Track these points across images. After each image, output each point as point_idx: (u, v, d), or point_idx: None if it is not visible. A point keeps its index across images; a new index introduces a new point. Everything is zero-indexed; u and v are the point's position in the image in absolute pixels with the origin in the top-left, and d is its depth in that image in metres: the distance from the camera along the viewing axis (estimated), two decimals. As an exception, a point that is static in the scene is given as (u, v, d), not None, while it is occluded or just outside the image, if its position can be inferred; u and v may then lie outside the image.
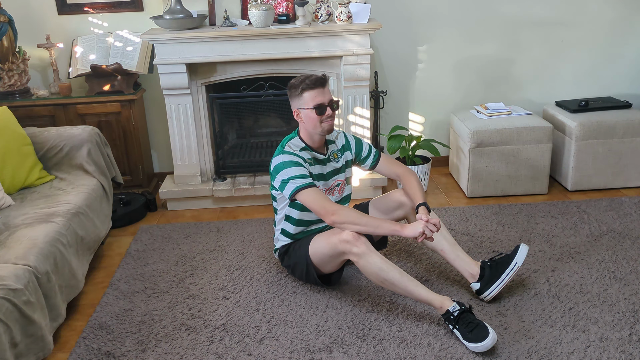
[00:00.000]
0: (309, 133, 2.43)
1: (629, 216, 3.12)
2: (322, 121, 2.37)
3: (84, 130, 2.99)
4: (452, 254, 2.44)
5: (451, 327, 2.17)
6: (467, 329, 2.11)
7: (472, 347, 2.09)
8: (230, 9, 3.42)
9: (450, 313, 2.15)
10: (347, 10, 3.28)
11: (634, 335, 2.16)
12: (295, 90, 2.37)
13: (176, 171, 3.53)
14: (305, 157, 2.41)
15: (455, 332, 2.17)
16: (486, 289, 2.37)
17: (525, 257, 2.38)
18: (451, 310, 2.16)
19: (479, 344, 2.06)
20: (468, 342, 2.10)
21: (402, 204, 2.54)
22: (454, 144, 3.72)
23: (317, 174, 2.45)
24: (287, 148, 2.41)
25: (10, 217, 2.49)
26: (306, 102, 2.35)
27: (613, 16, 3.75)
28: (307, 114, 2.36)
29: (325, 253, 2.37)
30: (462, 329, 2.12)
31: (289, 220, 2.51)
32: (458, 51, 3.79)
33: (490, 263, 2.41)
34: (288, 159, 2.36)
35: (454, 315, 2.15)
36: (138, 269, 2.79)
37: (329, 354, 2.13)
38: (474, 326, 2.10)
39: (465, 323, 2.12)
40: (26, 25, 3.55)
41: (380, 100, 3.79)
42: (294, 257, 2.52)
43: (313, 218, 2.50)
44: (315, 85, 2.34)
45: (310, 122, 2.37)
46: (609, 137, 3.40)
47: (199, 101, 3.43)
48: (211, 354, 2.16)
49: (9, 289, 1.93)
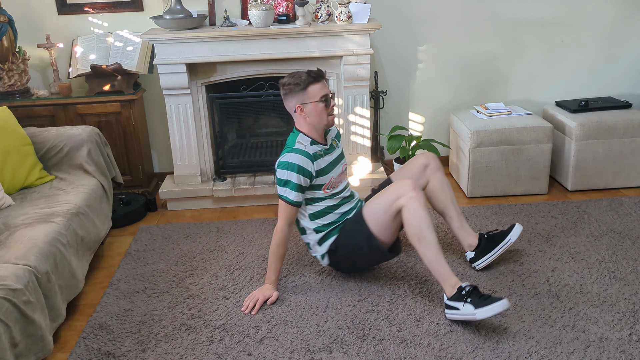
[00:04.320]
0: (313, 127, 2.46)
1: (629, 216, 3.12)
2: (329, 113, 2.44)
3: (84, 130, 2.99)
4: (457, 222, 2.63)
5: (462, 303, 2.19)
6: (479, 299, 2.16)
7: (485, 311, 2.12)
8: (230, 9, 3.42)
9: (463, 288, 2.21)
10: (347, 10, 3.28)
11: (634, 335, 2.16)
12: (298, 86, 2.39)
13: (176, 171, 3.53)
14: (316, 150, 2.45)
15: (464, 308, 2.18)
16: (479, 258, 2.59)
17: (519, 235, 2.59)
18: (463, 286, 2.22)
19: (491, 305, 2.11)
20: (480, 309, 2.13)
21: (426, 165, 2.64)
22: (454, 144, 3.72)
23: (329, 164, 2.49)
24: (298, 145, 2.42)
25: (10, 217, 2.49)
26: (312, 96, 2.39)
27: (613, 16, 3.75)
28: (313, 108, 2.40)
29: (383, 209, 2.36)
30: (474, 300, 2.17)
31: (316, 216, 2.50)
32: (458, 51, 3.79)
33: (487, 236, 2.62)
34: (296, 161, 2.37)
35: (467, 290, 2.20)
36: (138, 269, 2.79)
37: (329, 354, 2.13)
38: (486, 297, 2.18)
39: (478, 295, 2.19)
40: (26, 25, 3.55)
41: (380, 100, 3.79)
42: (349, 245, 2.47)
43: (334, 191, 2.51)
44: (319, 79, 2.41)
45: (317, 115, 2.42)
46: (609, 137, 3.40)
47: (199, 101, 3.43)
48: (211, 354, 2.16)
49: (9, 289, 1.93)
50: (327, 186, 2.48)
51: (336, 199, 2.53)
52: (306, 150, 2.41)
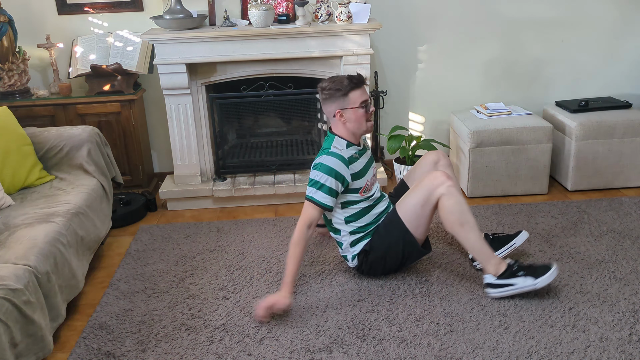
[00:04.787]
0: (351, 132, 2.47)
1: (629, 216, 3.12)
2: (368, 119, 2.45)
3: (84, 130, 2.99)
4: None
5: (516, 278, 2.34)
6: (532, 270, 2.35)
7: (544, 279, 2.31)
8: (230, 9, 3.42)
9: (512, 266, 2.36)
10: (347, 10, 3.28)
11: (634, 335, 2.16)
12: (339, 92, 2.40)
13: (176, 171, 3.53)
14: (352, 154, 2.46)
15: (522, 281, 2.33)
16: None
17: (523, 242, 2.65)
18: (511, 263, 2.37)
19: (547, 274, 2.31)
20: (540, 278, 2.31)
21: (437, 162, 2.69)
22: (454, 144, 3.72)
23: (363, 167, 2.50)
24: (334, 149, 2.43)
25: (10, 217, 2.49)
26: (353, 102, 2.41)
27: (613, 16, 3.75)
28: (353, 113, 2.42)
29: (420, 203, 2.40)
30: (528, 272, 2.34)
31: (352, 219, 2.51)
32: (458, 51, 3.79)
33: (492, 237, 2.66)
34: (333, 165, 2.38)
35: (517, 267, 2.36)
36: (138, 269, 2.79)
37: (329, 354, 2.13)
38: (535, 267, 2.36)
39: (527, 267, 2.36)
40: (26, 25, 3.55)
41: (380, 100, 3.79)
42: (384, 245, 2.48)
43: (369, 194, 2.52)
44: (360, 84, 2.43)
45: (357, 121, 2.43)
46: (609, 137, 3.40)
47: (199, 101, 3.43)
48: (211, 354, 2.16)
49: (9, 289, 1.93)
50: (364, 189, 2.49)
51: (370, 200, 2.54)
52: (342, 154, 2.42)
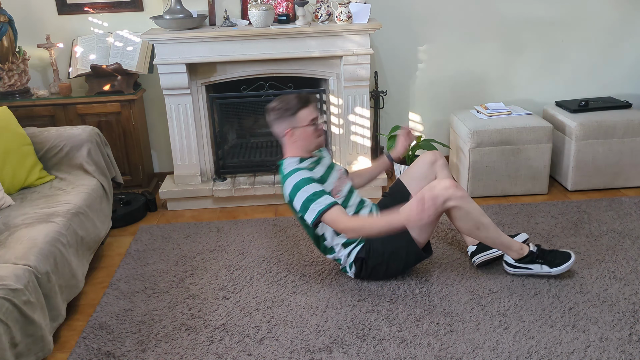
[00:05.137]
0: (302, 149, 2.51)
1: (629, 216, 3.12)
2: (318, 135, 2.50)
3: (84, 130, 2.99)
4: None
5: (534, 265, 2.49)
6: (552, 258, 2.48)
7: (560, 269, 2.45)
8: (230, 9, 3.42)
9: (534, 253, 2.48)
10: (347, 10, 3.28)
11: (634, 335, 2.16)
12: (288, 111, 2.45)
13: (176, 171, 3.53)
14: (307, 165, 2.47)
15: (539, 268, 2.48)
16: (480, 251, 2.63)
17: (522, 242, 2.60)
18: (533, 250, 2.49)
19: (563, 265, 2.45)
20: (556, 268, 2.46)
21: (434, 162, 2.69)
22: (454, 144, 3.72)
23: (323, 173, 2.51)
24: (289, 168, 2.46)
25: (10, 217, 2.49)
26: (302, 120, 2.46)
27: (613, 16, 3.75)
28: (303, 132, 2.46)
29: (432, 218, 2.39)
30: (548, 260, 2.48)
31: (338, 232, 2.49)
32: (458, 51, 3.79)
33: None
34: (297, 178, 2.40)
35: (537, 254, 2.48)
36: (138, 269, 2.79)
37: (329, 354, 2.13)
38: (555, 254, 2.49)
39: (547, 255, 2.49)
40: (26, 25, 3.55)
41: (380, 100, 3.79)
42: (386, 251, 2.46)
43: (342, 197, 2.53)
44: (308, 103, 2.48)
45: (306, 139, 2.49)
46: (609, 137, 3.40)
47: (199, 101, 3.43)
48: (211, 354, 2.16)
49: (9, 289, 1.93)
50: (334, 192, 2.49)
51: (351, 207, 2.55)
52: (299, 166, 2.44)
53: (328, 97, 3.48)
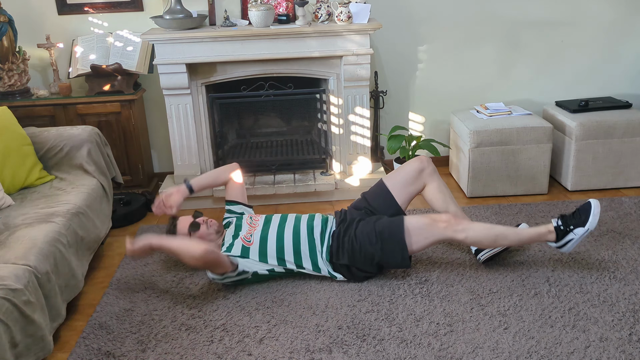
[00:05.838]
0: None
1: (629, 216, 3.12)
2: (209, 233, 2.66)
3: (84, 130, 2.99)
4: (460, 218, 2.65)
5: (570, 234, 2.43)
6: (578, 220, 2.43)
7: (591, 222, 2.40)
8: (230, 9, 3.42)
9: (559, 226, 2.45)
10: (347, 10, 3.28)
11: (634, 335, 2.16)
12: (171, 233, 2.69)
13: (176, 171, 3.53)
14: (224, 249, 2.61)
15: (574, 234, 2.43)
16: (483, 249, 2.63)
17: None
18: (557, 224, 2.46)
19: (593, 215, 2.40)
20: (587, 224, 2.40)
21: (421, 170, 2.68)
22: (454, 144, 3.72)
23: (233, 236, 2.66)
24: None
25: (10, 217, 2.49)
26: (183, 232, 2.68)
27: (613, 16, 3.75)
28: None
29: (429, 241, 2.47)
30: (576, 223, 2.43)
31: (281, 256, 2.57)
32: (458, 51, 3.79)
33: None
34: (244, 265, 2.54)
35: (563, 223, 2.45)
36: (138, 269, 2.79)
37: (329, 354, 2.13)
38: (578, 214, 2.44)
39: (573, 219, 2.44)
40: (26, 25, 3.55)
41: (380, 100, 3.79)
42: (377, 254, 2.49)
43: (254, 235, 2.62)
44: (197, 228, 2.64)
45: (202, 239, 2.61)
46: (609, 137, 3.40)
47: (199, 101, 3.43)
48: (211, 354, 2.16)
49: (9, 289, 1.93)
50: (245, 238, 2.59)
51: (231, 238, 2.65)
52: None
53: (328, 97, 3.48)
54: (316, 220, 2.63)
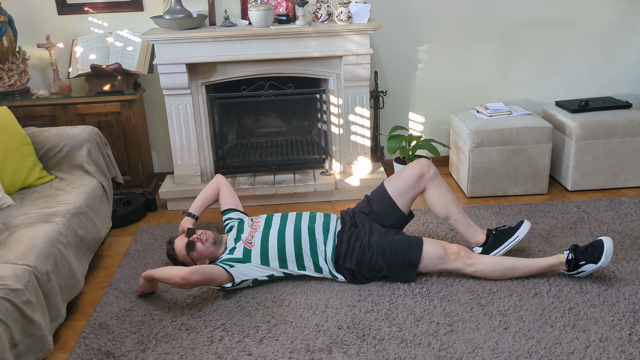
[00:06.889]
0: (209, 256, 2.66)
1: (629, 216, 3.12)
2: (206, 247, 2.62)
3: (84, 130, 2.99)
4: (463, 222, 2.67)
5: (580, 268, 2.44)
6: (590, 256, 2.43)
7: (603, 261, 2.39)
8: (230, 9, 3.42)
9: (571, 260, 2.46)
10: (347, 10, 3.28)
11: (634, 335, 2.16)
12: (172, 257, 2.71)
13: (176, 171, 3.53)
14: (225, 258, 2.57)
15: (585, 269, 2.44)
16: (487, 253, 2.63)
17: (527, 232, 2.65)
18: (569, 257, 2.46)
19: (605, 255, 2.39)
20: (599, 263, 2.40)
21: (422, 175, 2.66)
22: (454, 144, 3.72)
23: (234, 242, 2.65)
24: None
25: (10, 217, 2.49)
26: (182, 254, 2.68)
27: (613, 16, 3.76)
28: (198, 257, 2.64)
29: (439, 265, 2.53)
30: (587, 259, 2.43)
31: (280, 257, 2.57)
32: (458, 51, 3.79)
33: (495, 232, 2.67)
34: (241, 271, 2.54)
35: (575, 257, 2.45)
36: (138, 269, 2.79)
37: (329, 354, 2.13)
38: (591, 250, 2.44)
39: (584, 254, 2.44)
40: (26, 25, 3.55)
41: (380, 100, 3.79)
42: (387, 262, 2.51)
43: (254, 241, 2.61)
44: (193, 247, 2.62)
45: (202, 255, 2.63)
46: (609, 137, 3.40)
47: (199, 101, 3.43)
48: (211, 354, 2.16)
49: (9, 289, 1.93)
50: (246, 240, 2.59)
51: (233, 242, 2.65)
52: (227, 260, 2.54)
53: (328, 97, 3.48)
54: (317, 220, 2.63)
